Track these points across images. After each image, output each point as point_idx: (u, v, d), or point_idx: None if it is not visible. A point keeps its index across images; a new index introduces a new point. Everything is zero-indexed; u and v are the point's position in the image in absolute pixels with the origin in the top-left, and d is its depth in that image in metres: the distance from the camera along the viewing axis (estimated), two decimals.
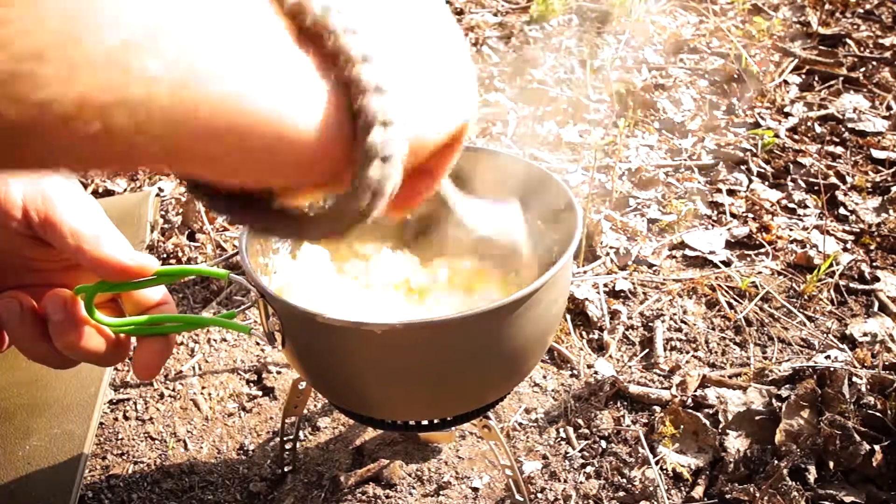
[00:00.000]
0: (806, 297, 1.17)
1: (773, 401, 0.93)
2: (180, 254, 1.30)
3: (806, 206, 1.39)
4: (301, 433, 0.97)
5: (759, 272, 1.23)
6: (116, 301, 0.59)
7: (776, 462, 0.85)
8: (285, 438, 0.90)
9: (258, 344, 1.13)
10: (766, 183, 1.46)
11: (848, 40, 1.98)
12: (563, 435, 0.96)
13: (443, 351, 0.62)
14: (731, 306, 1.16)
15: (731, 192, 1.43)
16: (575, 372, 1.06)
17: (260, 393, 1.05)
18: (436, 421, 0.72)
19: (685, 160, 1.53)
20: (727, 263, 1.25)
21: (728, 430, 0.91)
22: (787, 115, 1.68)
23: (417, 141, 0.33)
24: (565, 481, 0.89)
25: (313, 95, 0.29)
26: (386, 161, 0.31)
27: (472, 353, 0.62)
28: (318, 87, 0.29)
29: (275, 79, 0.28)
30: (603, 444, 0.94)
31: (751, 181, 1.46)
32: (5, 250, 0.51)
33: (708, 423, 0.92)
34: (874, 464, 0.84)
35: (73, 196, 0.51)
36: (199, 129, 0.27)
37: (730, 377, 1.01)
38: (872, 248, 1.28)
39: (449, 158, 0.39)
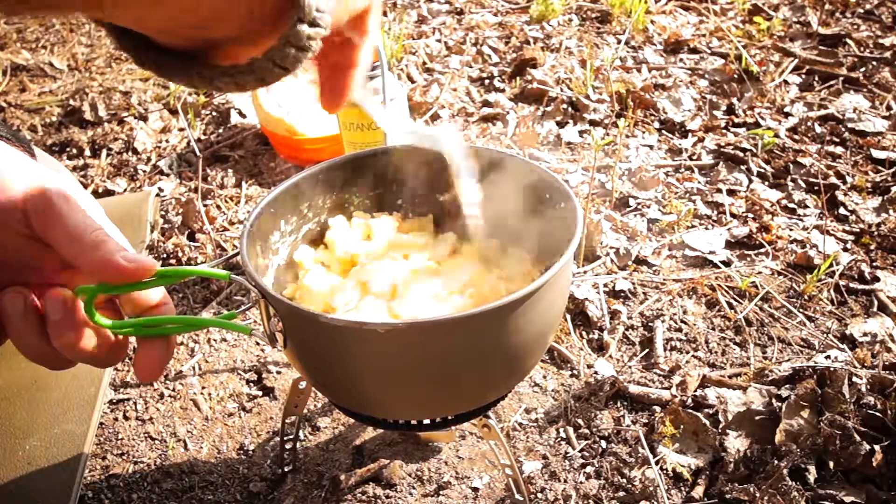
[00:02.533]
0: (806, 297, 1.17)
1: (773, 401, 0.93)
2: (180, 254, 1.30)
3: (806, 206, 1.39)
4: (301, 433, 0.97)
5: (759, 272, 1.23)
6: (115, 302, 0.59)
7: (776, 462, 0.85)
8: (285, 438, 0.90)
9: (258, 344, 1.13)
10: (766, 183, 1.46)
11: (848, 40, 1.98)
12: (563, 435, 0.96)
13: (444, 350, 0.62)
14: (731, 306, 1.16)
15: (731, 192, 1.43)
16: (575, 372, 1.06)
17: (260, 393, 1.05)
18: (436, 420, 0.72)
19: (685, 160, 1.53)
20: (727, 263, 1.25)
21: (728, 430, 0.91)
22: (787, 115, 1.68)
23: (340, 11, 0.40)
24: (565, 481, 0.89)
25: None
26: (316, 15, 0.37)
27: (473, 352, 0.62)
28: None
29: None
30: (603, 444, 0.94)
31: (751, 181, 1.46)
32: (6, 250, 0.51)
33: (708, 423, 0.92)
34: (874, 464, 0.84)
35: (73, 197, 0.51)
36: None
37: (730, 377, 1.01)
38: (872, 248, 1.28)
39: (363, 34, 0.46)
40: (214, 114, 1.80)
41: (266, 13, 0.38)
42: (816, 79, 1.82)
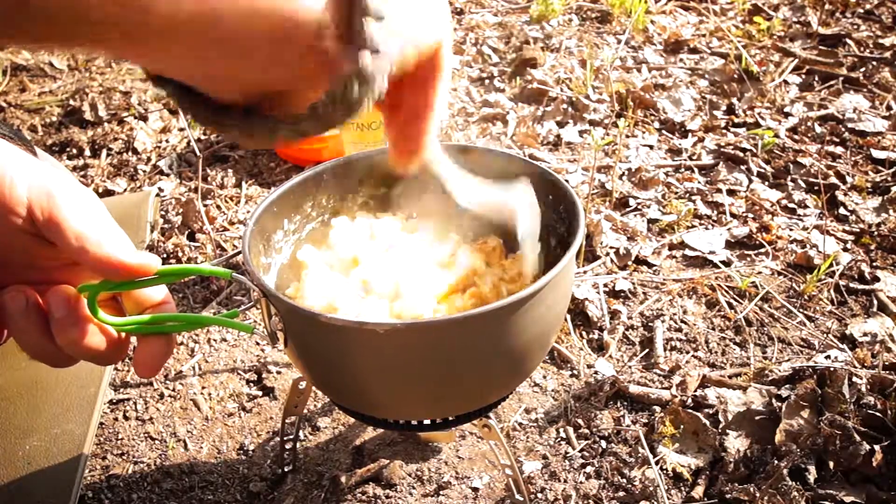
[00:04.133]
0: (806, 297, 1.17)
1: (773, 401, 0.93)
2: (180, 254, 1.30)
3: (806, 206, 1.39)
4: (301, 433, 0.97)
5: (759, 272, 1.23)
6: (117, 300, 0.59)
7: (776, 462, 0.85)
8: (285, 438, 0.90)
9: (258, 344, 1.13)
10: (766, 183, 1.46)
11: (848, 40, 1.98)
12: (563, 435, 0.96)
13: (445, 351, 0.62)
14: (731, 306, 1.16)
15: (731, 192, 1.43)
16: (575, 372, 1.06)
17: (260, 393, 1.05)
18: (437, 421, 0.72)
19: (685, 160, 1.53)
20: (727, 263, 1.25)
21: (728, 430, 0.91)
22: (787, 115, 1.68)
23: (406, 46, 0.38)
24: (565, 481, 0.89)
25: None
26: (376, 54, 0.35)
27: (475, 352, 0.62)
28: None
29: None
30: (603, 444, 0.94)
31: (751, 181, 1.46)
32: (8, 247, 0.51)
33: (708, 423, 0.92)
34: (874, 464, 0.84)
35: (77, 195, 0.51)
36: (222, 29, 0.31)
37: (730, 377, 1.01)
38: (872, 248, 1.28)
39: (431, 89, 0.43)
40: None
41: (324, 49, 0.36)
42: (816, 79, 1.82)
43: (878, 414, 0.88)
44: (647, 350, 1.09)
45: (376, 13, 0.35)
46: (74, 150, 1.69)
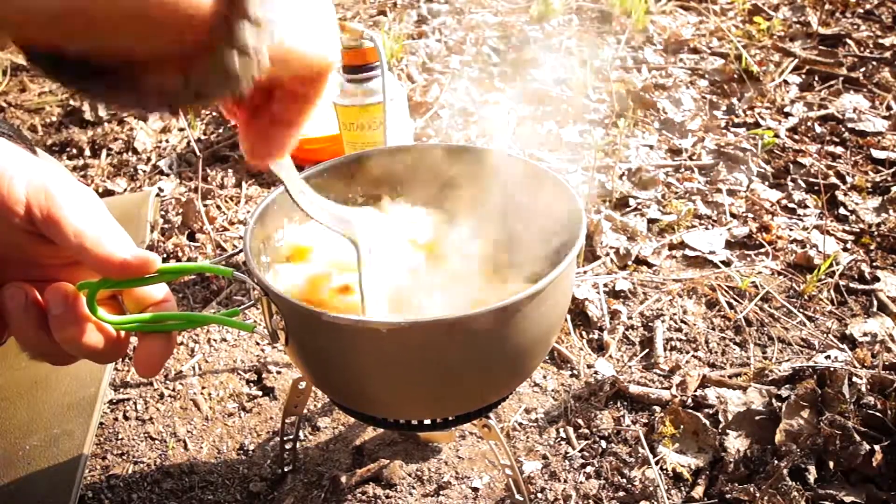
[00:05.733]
0: (806, 297, 1.17)
1: (773, 401, 0.93)
2: (180, 254, 1.30)
3: (806, 206, 1.39)
4: (301, 433, 0.97)
5: (759, 272, 1.23)
6: (117, 298, 0.59)
7: (776, 462, 0.85)
8: (285, 438, 0.90)
9: (258, 344, 1.13)
10: (766, 183, 1.46)
11: (848, 40, 1.98)
12: (563, 435, 0.96)
13: (447, 350, 0.62)
14: (731, 306, 1.16)
15: (731, 192, 1.43)
16: (575, 372, 1.06)
17: (260, 393, 1.05)
18: (437, 421, 0.72)
19: (685, 160, 1.53)
20: (727, 263, 1.25)
21: (728, 430, 0.91)
22: (787, 115, 1.68)
23: (282, 46, 0.40)
24: (565, 481, 0.89)
25: None
26: (256, 27, 0.37)
27: (476, 352, 0.62)
28: None
29: None
30: (603, 444, 0.94)
31: (751, 181, 1.46)
32: (8, 245, 0.51)
33: (708, 423, 0.92)
34: (874, 464, 0.84)
35: (76, 193, 0.51)
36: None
37: (730, 377, 1.01)
38: (872, 248, 1.28)
39: (304, 109, 0.45)
40: (214, 114, 1.80)
41: (196, 30, 0.37)
42: (816, 79, 1.82)
43: (878, 414, 0.88)
44: (647, 350, 1.09)
45: (253, 17, 0.37)
46: (74, 150, 1.69)
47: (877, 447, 0.84)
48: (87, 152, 1.69)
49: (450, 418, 0.72)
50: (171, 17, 0.36)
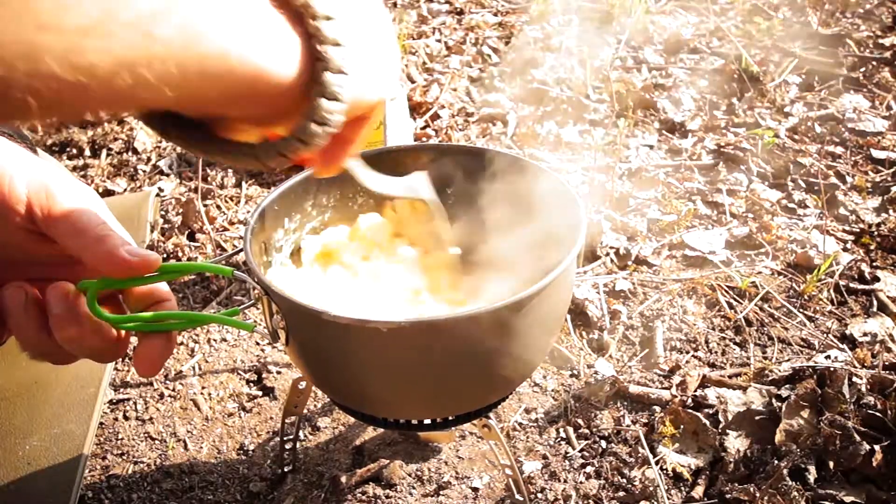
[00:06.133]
0: (806, 297, 1.17)
1: (773, 401, 0.93)
2: (180, 254, 1.30)
3: (806, 206, 1.39)
4: (301, 433, 0.97)
5: (759, 272, 1.23)
6: (117, 297, 0.59)
7: (776, 462, 0.85)
8: (285, 438, 0.90)
9: (258, 344, 1.13)
10: (766, 183, 1.46)
11: (848, 40, 1.98)
12: (563, 435, 0.96)
13: (447, 350, 0.62)
14: (731, 306, 1.16)
15: (731, 192, 1.43)
16: (575, 372, 1.06)
17: (260, 393, 1.05)
18: (437, 421, 0.72)
19: (685, 160, 1.53)
20: (727, 263, 1.25)
21: (728, 430, 0.91)
22: (787, 115, 1.68)
23: (356, 99, 0.44)
24: (565, 481, 0.89)
25: (285, 44, 0.39)
26: (334, 102, 0.41)
27: (477, 352, 0.62)
28: (288, 38, 0.40)
29: (256, 33, 0.38)
30: (603, 444, 0.94)
31: (751, 181, 1.46)
32: (9, 244, 0.51)
33: (708, 423, 0.92)
34: (874, 464, 0.84)
35: (76, 192, 0.51)
36: (203, 74, 0.35)
37: (730, 377, 1.01)
38: (872, 248, 1.28)
39: (362, 128, 0.50)
40: None
41: (286, 97, 0.41)
42: (816, 79, 1.82)
43: (878, 414, 0.88)
44: (647, 350, 1.09)
45: (340, 69, 0.41)
46: (74, 150, 1.69)
47: (877, 447, 0.84)
48: (87, 152, 1.68)
49: (450, 418, 0.72)
50: (256, 85, 0.38)
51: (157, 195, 1.48)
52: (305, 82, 0.41)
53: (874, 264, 1.24)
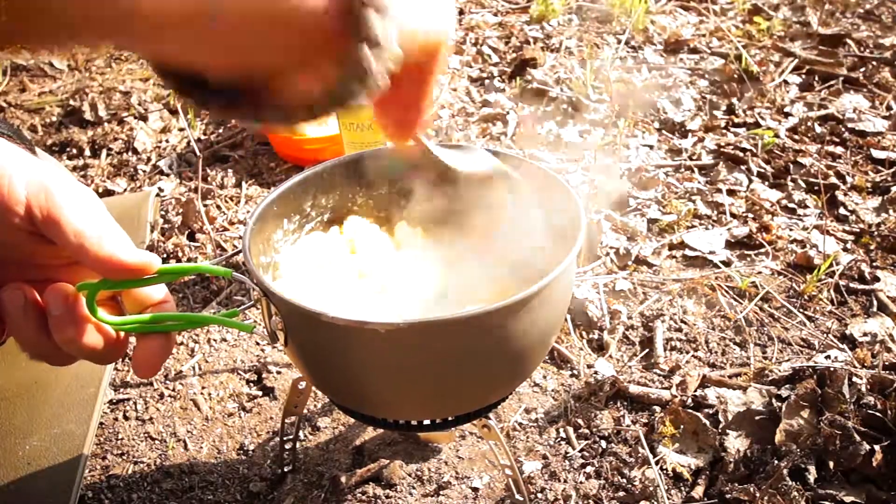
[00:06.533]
0: (806, 297, 1.17)
1: (773, 401, 0.93)
2: (180, 254, 1.30)
3: (806, 206, 1.39)
4: (301, 433, 0.97)
5: (759, 272, 1.23)
6: (116, 299, 0.59)
7: (776, 462, 0.85)
8: (285, 438, 0.90)
9: (258, 344, 1.13)
10: (766, 183, 1.46)
11: (848, 40, 1.98)
12: (563, 435, 0.96)
13: (446, 351, 0.61)
14: (731, 306, 1.16)
15: (731, 192, 1.43)
16: (575, 372, 1.06)
17: (260, 393, 1.05)
18: (437, 421, 0.72)
19: (685, 160, 1.53)
20: (727, 263, 1.25)
21: (728, 430, 0.91)
22: (787, 115, 1.68)
23: (406, 30, 0.39)
24: (565, 481, 0.89)
25: None
26: (376, 47, 0.37)
27: (476, 352, 0.62)
28: None
29: None
30: (603, 444, 0.94)
31: (751, 181, 1.46)
32: (8, 245, 0.51)
33: (708, 423, 0.92)
34: (874, 464, 0.84)
35: (76, 193, 0.51)
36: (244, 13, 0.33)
37: (730, 377, 1.01)
38: (872, 248, 1.28)
39: (428, 82, 0.45)
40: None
41: (320, 35, 0.37)
42: (816, 79, 1.82)
43: (878, 414, 0.88)
44: (647, 350, 1.09)
45: (377, 4, 0.36)
46: (74, 150, 1.69)
47: (877, 447, 0.84)
48: (87, 152, 1.68)
49: (450, 418, 0.72)
50: (295, 15, 0.35)
51: (157, 195, 1.48)
52: (341, 23, 0.37)
53: (874, 264, 1.24)
